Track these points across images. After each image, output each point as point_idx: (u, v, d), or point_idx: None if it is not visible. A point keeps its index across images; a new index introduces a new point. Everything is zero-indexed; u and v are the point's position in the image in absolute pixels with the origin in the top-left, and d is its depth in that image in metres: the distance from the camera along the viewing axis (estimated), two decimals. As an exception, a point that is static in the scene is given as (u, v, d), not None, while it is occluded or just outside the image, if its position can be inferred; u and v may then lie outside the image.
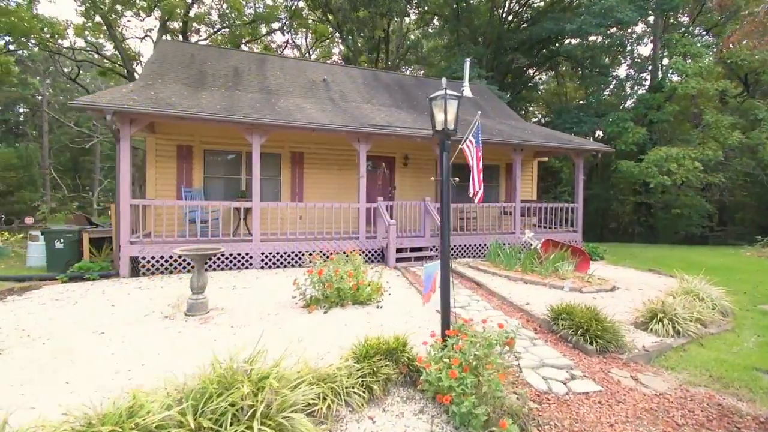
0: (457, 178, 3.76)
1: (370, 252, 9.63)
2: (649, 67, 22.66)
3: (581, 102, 25.33)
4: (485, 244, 10.58)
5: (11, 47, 21.65)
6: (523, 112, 33.02)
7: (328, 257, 5.89)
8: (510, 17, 25.54)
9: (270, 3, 25.41)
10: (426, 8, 27.05)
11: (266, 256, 8.75)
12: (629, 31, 20.65)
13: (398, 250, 9.72)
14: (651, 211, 23.72)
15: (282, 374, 2.45)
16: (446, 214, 3.48)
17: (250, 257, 8.61)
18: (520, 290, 6.53)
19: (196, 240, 8.34)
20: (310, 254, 7.16)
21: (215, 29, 22.82)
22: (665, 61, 22.88)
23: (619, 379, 3.52)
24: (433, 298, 3.79)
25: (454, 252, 10.54)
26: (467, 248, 10.65)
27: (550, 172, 17.77)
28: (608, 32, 19.38)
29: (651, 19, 22.41)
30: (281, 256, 8.89)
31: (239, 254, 8.55)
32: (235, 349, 2.64)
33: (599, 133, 28.02)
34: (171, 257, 8.14)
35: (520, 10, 25.30)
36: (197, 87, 10.55)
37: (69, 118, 25.36)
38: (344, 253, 6.28)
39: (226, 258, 8.40)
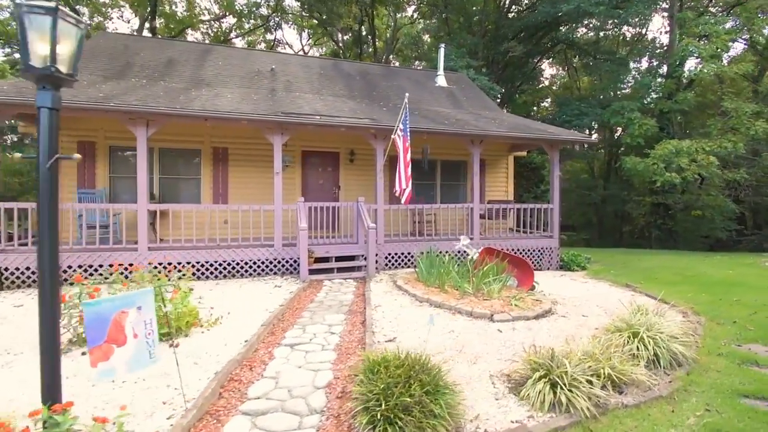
0: (78, 155, 2.29)
1: (286, 262, 8.25)
2: (658, 52, 20.18)
3: (601, 97, 22.93)
4: (445, 252, 8.79)
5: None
6: (535, 107, 30.77)
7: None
8: (508, 3, 23.62)
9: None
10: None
11: (155, 268, 7.46)
12: (637, 13, 18.21)
13: (322, 260, 8.30)
14: (669, 213, 21.11)
15: None
16: (49, 217, 2.02)
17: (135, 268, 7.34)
18: (411, 317, 4.95)
19: (82, 248, 7.25)
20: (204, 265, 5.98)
21: (183, 27, 22.09)
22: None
23: None
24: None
25: (397, 262, 8.98)
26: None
27: (530, 168, 15.81)
28: (611, 13, 17.19)
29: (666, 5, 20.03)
30: (176, 268, 7.59)
31: (120, 265, 7.31)
32: None
33: (619, 130, 25.45)
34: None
35: (521, -5, 23.36)
36: (112, 78, 9.51)
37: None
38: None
39: (95, 270, 7.18)
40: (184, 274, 4.87)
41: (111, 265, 7.36)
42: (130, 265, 7.43)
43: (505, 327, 4.57)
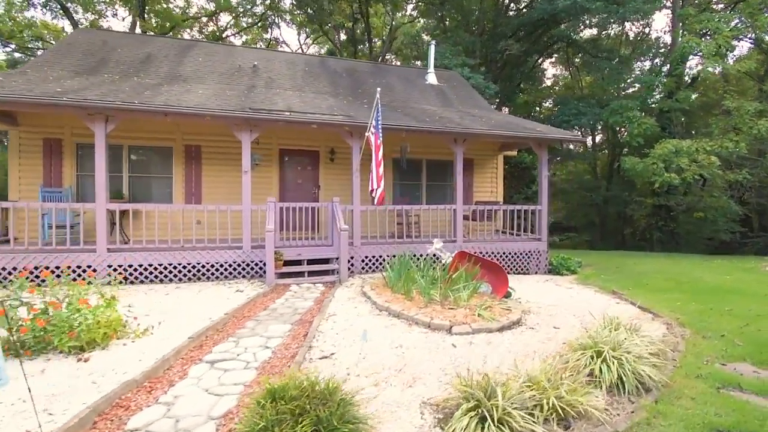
0: None
1: (255, 264, 7.87)
2: (661, 51, 19.56)
3: (604, 96, 22.29)
4: (425, 256, 8.27)
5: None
6: (537, 108, 30.13)
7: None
8: (507, 1, 23.11)
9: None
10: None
11: (116, 271, 7.13)
12: (636, 10, 17.57)
13: (294, 263, 7.91)
14: (671, 215, 20.44)
15: None
16: None
17: (93, 271, 7.01)
18: (364, 328, 4.53)
19: (38, 249, 6.94)
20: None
21: (174, 25, 21.86)
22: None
23: None
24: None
25: (376, 265, 8.58)
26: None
27: (521, 168, 15.29)
28: (609, 9, 16.64)
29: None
30: (137, 270, 7.27)
31: (79, 267, 6.98)
32: None
33: (624, 131, 24.68)
34: None
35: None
36: (83, 74, 9.22)
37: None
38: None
39: (52, 273, 6.81)
40: (114, 279, 4.47)
41: (58, 267, 7.02)
42: (89, 267, 7.11)
43: (462, 341, 4.14)
